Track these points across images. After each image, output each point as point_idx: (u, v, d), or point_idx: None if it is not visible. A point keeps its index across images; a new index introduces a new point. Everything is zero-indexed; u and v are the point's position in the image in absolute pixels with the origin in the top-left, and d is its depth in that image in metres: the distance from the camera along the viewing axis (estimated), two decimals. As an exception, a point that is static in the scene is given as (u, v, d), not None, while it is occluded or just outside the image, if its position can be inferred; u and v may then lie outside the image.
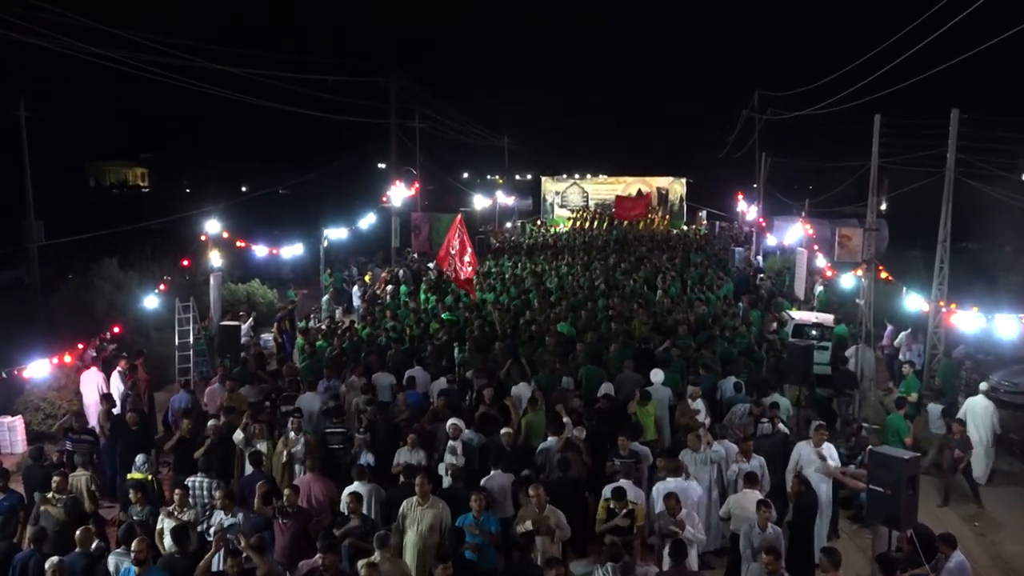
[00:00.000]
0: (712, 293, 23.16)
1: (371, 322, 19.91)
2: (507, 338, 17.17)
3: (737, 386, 13.99)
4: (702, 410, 13.08)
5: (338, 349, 17.07)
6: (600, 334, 17.43)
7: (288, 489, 9.73)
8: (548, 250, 36.16)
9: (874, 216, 19.33)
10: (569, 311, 20.13)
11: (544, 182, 60.02)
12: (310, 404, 13.45)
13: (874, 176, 19.03)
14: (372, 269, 31.30)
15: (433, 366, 15.43)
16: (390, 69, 35.37)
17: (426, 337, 17.81)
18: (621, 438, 11.10)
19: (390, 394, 14.52)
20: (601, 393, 13.68)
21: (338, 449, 12.10)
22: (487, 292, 23.23)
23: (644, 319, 19.03)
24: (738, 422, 12.94)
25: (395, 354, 16.40)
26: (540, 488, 9.46)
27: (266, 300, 26.36)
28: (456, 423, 11.51)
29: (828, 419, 13.95)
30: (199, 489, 10.38)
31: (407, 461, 10.96)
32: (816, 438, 11.27)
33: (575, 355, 15.86)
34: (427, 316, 20.34)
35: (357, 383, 14.37)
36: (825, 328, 19.71)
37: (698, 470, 10.97)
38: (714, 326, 18.54)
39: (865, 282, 18.55)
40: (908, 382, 15.64)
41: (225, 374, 15.21)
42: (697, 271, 27.76)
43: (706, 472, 11.06)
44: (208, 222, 21.74)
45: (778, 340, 18.02)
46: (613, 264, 29.57)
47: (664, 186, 57.52)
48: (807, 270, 26.15)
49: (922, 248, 27.73)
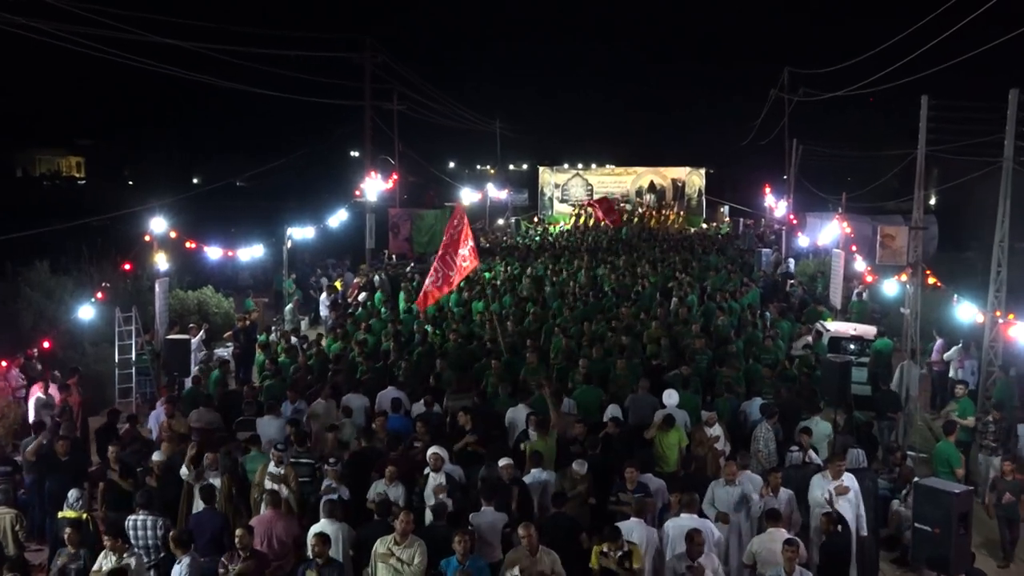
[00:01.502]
0: (735, 301, 23.21)
1: (341, 335, 19.90)
2: (502, 353, 17.15)
3: (764, 408, 13.97)
4: (721, 436, 13.10)
5: (303, 367, 16.99)
6: (606, 349, 17.46)
7: (241, 529, 9.68)
8: (546, 252, 36.16)
9: (921, 212, 19.36)
10: (572, 322, 20.17)
11: (542, 173, 60.19)
12: (270, 430, 13.42)
13: (921, 166, 19.08)
14: (343, 274, 31.29)
15: (410, 386, 15.40)
16: (364, 43, 35.47)
17: (404, 353, 17.79)
18: (630, 469, 11.08)
19: (364, 418, 14.52)
20: (608, 416, 13.67)
21: (304, 482, 12.08)
22: (477, 300, 23.22)
23: (656, 332, 19.05)
24: (762, 448, 12.97)
25: (368, 373, 16.32)
26: (531, 527, 9.44)
27: (220, 310, 26.31)
28: (438, 452, 11.48)
29: (868, 447, 13.96)
30: (141, 529, 10.34)
31: (383, 496, 10.96)
32: (833, 470, 11.21)
33: (575, 373, 15.87)
34: (406, 329, 20.35)
35: (325, 406, 14.33)
36: (865, 342, 19.74)
37: (730, 505, 11.00)
38: (737, 340, 18.53)
39: (911, 289, 18.59)
40: (960, 404, 15.67)
41: (172, 396, 15.15)
42: (718, 276, 27.81)
43: (739, 508, 11.08)
44: (154, 220, 21.73)
45: (811, 355, 18.05)
46: (622, 268, 29.60)
47: (680, 177, 57.72)
48: (844, 275, 26.19)
49: (976, 250, 27.89)
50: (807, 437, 12.83)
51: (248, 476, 12.07)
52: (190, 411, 14.33)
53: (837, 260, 25.85)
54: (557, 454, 12.18)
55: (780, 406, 14.65)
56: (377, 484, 11.28)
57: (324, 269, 32.69)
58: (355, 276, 30.59)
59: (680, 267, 29.86)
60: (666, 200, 57.00)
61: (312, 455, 12.60)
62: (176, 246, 23.23)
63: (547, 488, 11.37)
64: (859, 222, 33.32)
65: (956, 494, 8.74)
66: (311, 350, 18.45)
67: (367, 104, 36.37)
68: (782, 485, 11.16)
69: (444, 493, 11.04)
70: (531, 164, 75.64)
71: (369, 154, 37.56)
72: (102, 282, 22.59)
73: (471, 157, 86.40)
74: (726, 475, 11.28)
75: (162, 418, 14.27)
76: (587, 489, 11.39)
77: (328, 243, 35.66)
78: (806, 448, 12.51)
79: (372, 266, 33.94)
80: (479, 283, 25.09)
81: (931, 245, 30.75)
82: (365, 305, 24.11)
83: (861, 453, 12.61)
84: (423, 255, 38.64)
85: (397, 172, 41.60)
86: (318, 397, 14.91)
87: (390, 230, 39.71)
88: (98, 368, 19.45)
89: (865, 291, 26.08)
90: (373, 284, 28.10)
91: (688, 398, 14.52)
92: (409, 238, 40.50)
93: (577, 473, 11.38)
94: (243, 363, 20.72)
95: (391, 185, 40.11)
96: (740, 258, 35.09)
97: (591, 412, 14.24)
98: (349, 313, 23.23)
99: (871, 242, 31.16)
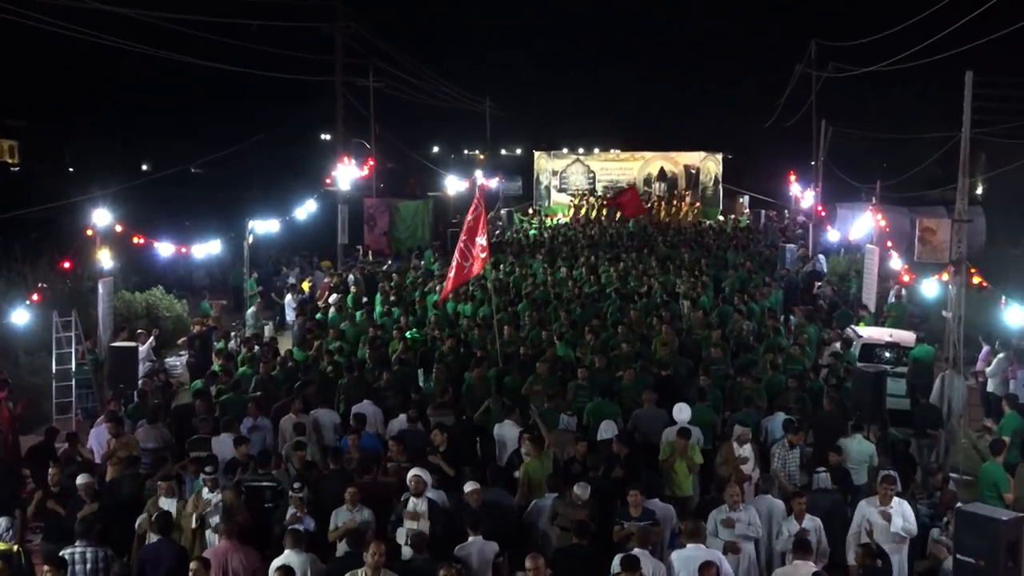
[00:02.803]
0: (755, 304, 23.26)
1: (310, 343, 19.90)
2: (487, 362, 17.18)
3: (788, 425, 14.02)
4: (751, 458, 13.11)
5: (266, 378, 17.03)
6: (610, 358, 17.46)
7: (196, 562, 9.70)
8: (542, 248, 36.19)
9: (966, 203, 19.38)
10: (570, 327, 20.20)
11: (538, 159, 60.18)
12: (229, 450, 13.42)
13: (965, 151, 19.09)
14: (312, 273, 31.28)
15: (391, 399, 15.41)
16: (335, 10, 35.44)
17: (382, 362, 17.80)
18: (633, 493, 11.14)
19: (335, 436, 14.48)
20: (606, 435, 13.71)
21: (267, 509, 12.07)
22: (464, 303, 23.23)
23: (667, 339, 19.11)
24: (778, 468, 13.01)
25: (343, 384, 16.38)
26: (539, 559, 9.51)
27: (172, 314, 26.29)
28: (419, 475, 11.49)
29: (905, 468, 14.01)
30: (80, 563, 10.33)
31: (348, 524, 10.97)
32: (882, 494, 11.30)
33: (575, 385, 15.89)
34: (385, 334, 20.40)
35: (293, 423, 14.33)
36: (902, 349, 19.81)
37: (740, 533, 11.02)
38: (758, 347, 18.56)
39: (953, 289, 18.63)
40: (1008, 419, 15.71)
41: (117, 411, 15.12)
42: (737, 275, 27.88)
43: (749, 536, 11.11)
44: (97, 211, 21.65)
45: (841, 365, 18.10)
46: (627, 266, 29.63)
47: (694, 164, 57.79)
48: (879, 274, 26.26)
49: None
50: (837, 456, 12.86)
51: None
52: (135, 429, 14.30)
53: (871, 257, 25.92)
54: (555, 475, 12.18)
55: (806, 422, 14.72)
56: (338, 512, 11.32)
57: (291, 267, 32.64)
58: (325, 275, 30.54)
59: (693, 265, 29.89)
60: (678, 189, 56.95)
61: (275, 478, 12.60)
62: (122, 241, 23.18)
63: (542, 513, 11.39)
64: (896, 214, 33.40)
65: (1004, 522, 8.76)
66: (276, 359, 18.42)
67: (339, 80, 36.30)
68: (807, 511, 11.20)
69: (422, 520, 11.04)
70: (525, 149, 75.66)
71: (341, 137, 37.46)
72: (38, 282, 22.53)
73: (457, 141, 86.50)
74: (729, 499, 11.30)
75: (105, 437, 14.26)
76: (588, 515, 11.39)
77: (295, 238, 35.60)
78: (835, 469, 12.54)
79: (345, 264, 33.90)
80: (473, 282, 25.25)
81: (977, 240, 30.79)
82: (338, 308, 24.10)
83: (895, 473, 12.62)
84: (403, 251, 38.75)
85: (373, 158, 41.67)
86: (284, 412, 14.90)
87: (365, 223, 39.77)
88: (33, 380, 19.40)
89: (902, 292, 26.13)
90: (346, 284, 28.08)
91: (703, 412, 14.55)
92: (387, 232, 40.58)
93: (579, 497, 11.35)
94: (198, 374, 20.70)
95: (366, 172, 40.16)
96: (761, 255, 35.17)
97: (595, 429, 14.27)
98: (319, 318, 23.21)
99: (909, 236, 31.25)
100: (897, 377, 18.75)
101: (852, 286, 29.15)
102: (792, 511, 11.20)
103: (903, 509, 11.30)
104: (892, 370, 18.36)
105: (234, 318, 26.96)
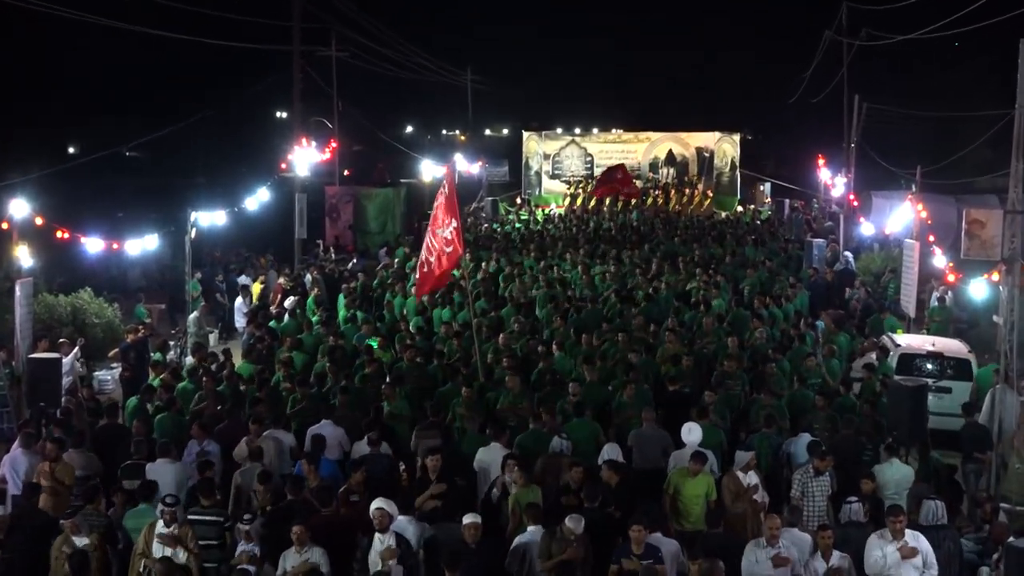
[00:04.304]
0: (777, 308, 23.28)
1: (260, 353, 19.88)
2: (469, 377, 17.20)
3: (813, 447, 14.06)
4: (758, 484, 13.16)
5: (211, 394, 17.01)
6: (607, 370, 17.48)
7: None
8: (532, 243, 36.15)
9: (1020, 191, 19.46)
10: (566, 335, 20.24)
11: (527, 140, 60.19)
12: (166, 477, 13.41)
13: (1020, 130, 19.17)
14: (265, 273, 31.19)
15: (351, 419, 15.43)
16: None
17: (344, 376, 17.81)
18: (636, 528, 11.15)
19: (289, 461, 14.49)
20: (605, 458, 13.71)
21: (210, 547, 12.05)
22: (441, 307, 23.24)
23: (674, 348, 19.13)
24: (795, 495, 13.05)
25: (294, 399, 16.38)
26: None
27: (103, 320, 26.14)
28: (383, 508, 11.50)
29: (950, 497, 14.02)
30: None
31: (298, 569, 10.96)
32: (892, 527, 11.34)
33: (564, 404, 15.92)
34: (348, 344, 20.35)
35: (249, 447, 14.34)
36: (946, 360, 19.87)
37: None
38: (779, 358, 18.61)
39: (1005, 291, 18.68)
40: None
41: (36, 432, 15.04)
42: (756, 275, 27.90)
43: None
44: (13, 202, 21.53)
45: (876, 378, 18.15)
46: (630, 264, 29.64)
47: (707, 146, 57.86)
48: (920, 273, 26.31)
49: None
50: (870, 484, 12.88)
51: (131, 537, 12.04)
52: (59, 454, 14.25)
53: (910, 253, 25.95)
54: (535, 504, 12.21)
55: (835, 445, 14.74)
56: (286, 555, 11.33)
57: (240, 266, 32.54)
58: (280, 275, 30.46)
59: (706, 263, 29.89)
60: (689, 175, 56.97)
61: (223, 511, 12.63)
62: (44, 236, 23.02)
63: (529, 550, 11.39)
64: (940, 204, 33.44)
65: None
66: (222, 372, 18.39)
67: (296, 49, 36.13)
68: (836, 547, 11.22)
69: (394, 559, 11.05)
70: (513, 129, 75.69)
71: (299, 116, 37.32)
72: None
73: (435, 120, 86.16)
74: (768, 533, 11.32)
75: (21, 463, 14.21)
76: (585, 544, 11.43)
77: (245, 232, 35.54)
78: (869, 499, 12.58)
79: (304, 261, 33.81)
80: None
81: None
82: (293, 313, 24.05)
83: (940, 506, 12.62)
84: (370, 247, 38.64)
85: (336, 139, 41.50)
86: (232, 434, 14.86)
87: (327, 215, 39.66)
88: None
89: (947, 294, 26.18)
90: (304, 286, 28.02)
91: (712, 433, 14.58)
92: (352, 225, 40.49)
93: (571, 531, 11.39)
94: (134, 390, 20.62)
95: (328, 156, 40.01)
96: (785, 251, 35.23)
97: (590, 453, 14.32)
98: (271, 325, 23.16)
99: (955, 230, 31.24)
100: (940, 392, 18.80)
101: (890, 289, 29.18)
102: (818, 547, 11.22)
103: (920, 544, 11.31)
104: (935, 385, 18.39)
105: (174, 325, 26.86)
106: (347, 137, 47.29)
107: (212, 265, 32.21)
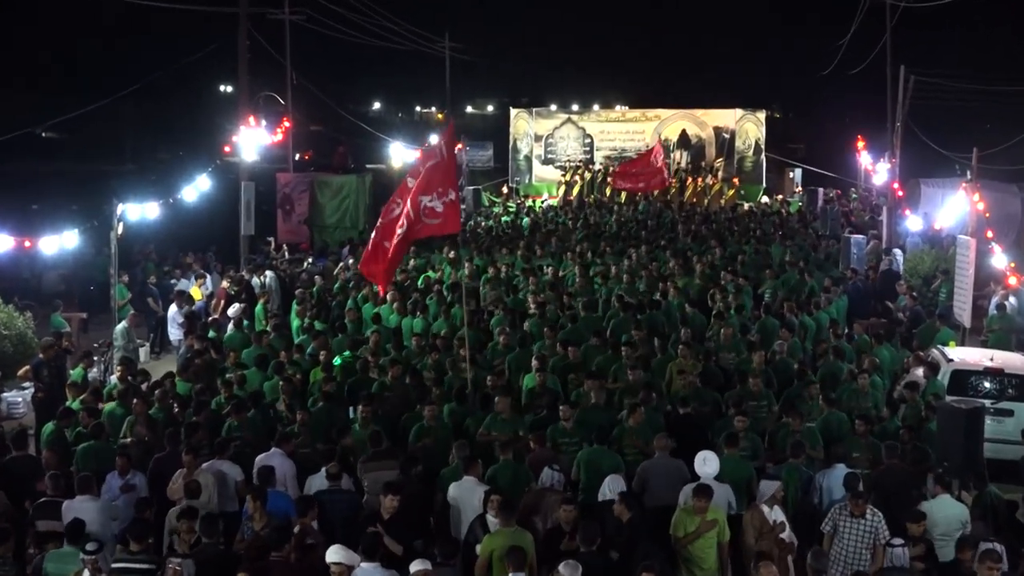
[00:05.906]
0: (808, 316, 23.23)
1: (199, 369, 19.78)
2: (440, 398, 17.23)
3: (851, 481, 14.06)
4: (785, 524, 13.09)
5: (143, 418, 16.91)
6: (610, 390, 17.43)
7: None
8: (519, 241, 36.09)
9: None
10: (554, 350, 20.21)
11: (516, 119, 60.23)
12: (89, 516, 13.38)
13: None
14: (205, 276, 31.11)
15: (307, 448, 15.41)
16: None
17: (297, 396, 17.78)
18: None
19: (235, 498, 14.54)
20: (608, 495, 13.66)
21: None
22: (412, 316, 23.21)
23: (688, 364, 19.09)
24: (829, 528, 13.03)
25: (232, 426, 16.43)
26: None
27: (12, 331, 26.04)
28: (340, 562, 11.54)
29: (1011, 537, 14.02)
30: None
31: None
32: None
33: (555, 430, 15.91)
34: (303, 359, 20.34)
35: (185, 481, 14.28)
36: (1008, 378, 19.84)
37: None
38: (811, 375, 18.55)
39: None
40: None
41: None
42: (785, 276, 27.84)
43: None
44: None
45: (922, 399, 18.13)
46: (636, 265, 29.60)
47: (727, 126, 57.91)
48: (977, 274, 26.32)
49: None
50: (918, 527, 12.83)
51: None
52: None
53: (965, 252, 25.97)
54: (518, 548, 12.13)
55: (877, 478, 14.70)
56: None
57: (176, 267, 32.45)
58: (223, 278, 30.38)
59: (725, 263, 29.86)
60: (706, 160, 56.98)
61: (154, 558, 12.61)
62: (-58, 232, 23.01)
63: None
64: (999, 193, 33.51)
65: None
66: (154, 393, 18.27)
67: (243, 11, 36.08)
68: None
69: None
70: (499, 106, 75.80)
71: (246, 90, 37.26)
72: None
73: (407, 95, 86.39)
74: None
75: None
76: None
77: (182, 227, 35.49)
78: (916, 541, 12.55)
79: (250, 261, 33.69)
80: (413, 288, 25.18)
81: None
82: (239, 323, 23.99)
83: (999, 547, 12.64)
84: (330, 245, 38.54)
85: (289, 117, 41.47)
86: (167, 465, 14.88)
87: (279, 206, 39.59)
88: None
89: (1008, 299, 26.15)
90: (251, 290, 27.95)
91: (736, 465, 14.55)
92: (307, 219, 40.39)
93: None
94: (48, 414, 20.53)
95: (280, 137, 40.00)
96: (818, 249, 35.21)
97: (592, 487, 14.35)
98: (212, 336, 23.10)
99: (1018, 224, 31.34)
100: (1000, 415, 18.76)
101: (942, 293, 29.19)
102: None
103: None
104: (994, 407, 18.35)
105: (97, 338, 26.73)
106: (302, 115, 47.37)
107: (143, 267, 32.10)
